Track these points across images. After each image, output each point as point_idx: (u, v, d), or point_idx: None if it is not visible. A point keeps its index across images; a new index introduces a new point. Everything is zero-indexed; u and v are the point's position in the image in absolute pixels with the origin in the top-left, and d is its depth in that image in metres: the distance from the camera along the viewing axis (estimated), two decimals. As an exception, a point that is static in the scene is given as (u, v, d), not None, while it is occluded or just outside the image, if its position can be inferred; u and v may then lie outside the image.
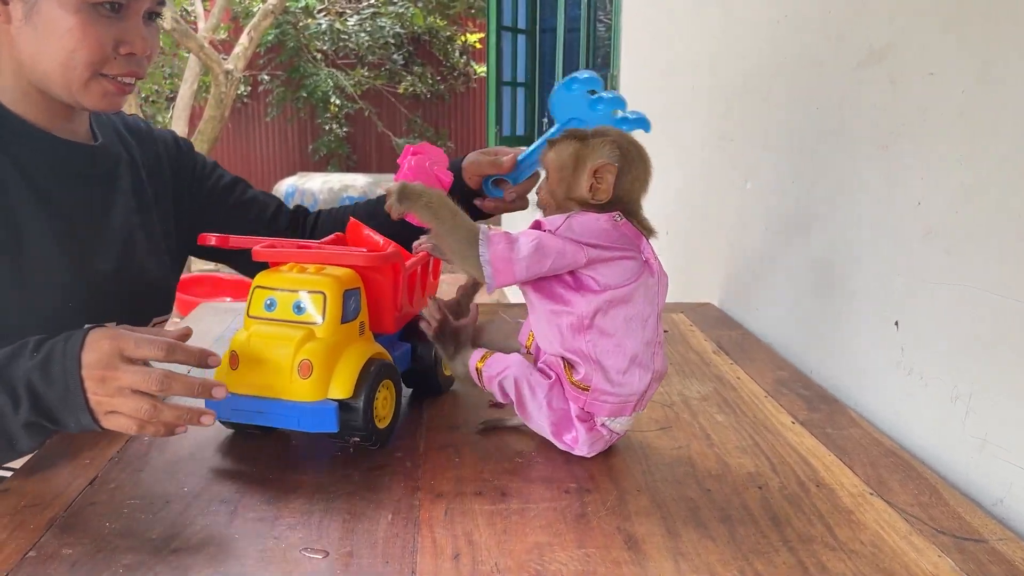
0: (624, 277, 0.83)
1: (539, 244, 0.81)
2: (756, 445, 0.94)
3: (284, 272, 0.90)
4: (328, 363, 0.84)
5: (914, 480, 0.85)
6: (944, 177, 0.95)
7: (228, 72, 6.42)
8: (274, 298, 0.88)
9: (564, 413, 0.87)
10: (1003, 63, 0.85)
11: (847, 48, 1.17)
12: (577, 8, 4.04)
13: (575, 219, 0.83)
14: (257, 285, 0.89)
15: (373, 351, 0.90)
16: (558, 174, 0.87)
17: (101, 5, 0.93)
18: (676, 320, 1.50)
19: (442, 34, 9.10)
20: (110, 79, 0.97)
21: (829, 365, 1.22)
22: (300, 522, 0.75)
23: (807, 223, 1.30)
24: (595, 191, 0.85)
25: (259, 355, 0.85)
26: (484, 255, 0.81)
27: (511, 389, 0.87)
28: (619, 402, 0.86)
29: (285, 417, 0.85)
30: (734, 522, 0.76)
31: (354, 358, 0.86)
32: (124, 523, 0.74)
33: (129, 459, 0.87)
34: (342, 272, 0.90)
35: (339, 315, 0.87)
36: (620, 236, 0.84)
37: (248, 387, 0.85)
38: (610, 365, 0.84)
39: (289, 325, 0.87)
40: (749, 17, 1.59)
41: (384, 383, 0.89)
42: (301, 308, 0.87)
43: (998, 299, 0.85)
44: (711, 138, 1.83)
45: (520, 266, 0.81)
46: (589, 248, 0.81)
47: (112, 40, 0.95)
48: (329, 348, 0.85)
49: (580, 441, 0.87)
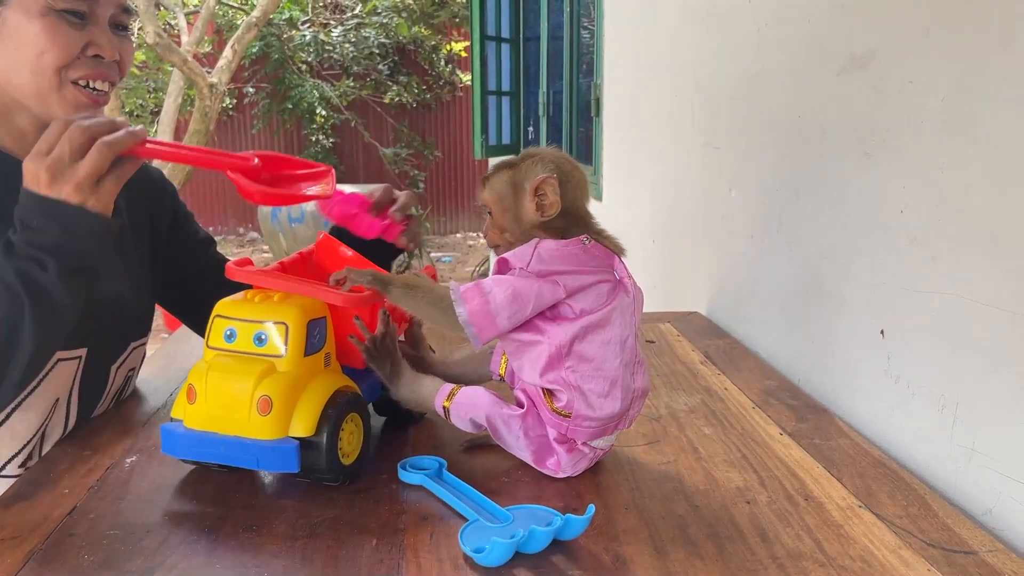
0: (599, 301, 0.83)
1: (515, 292, 0.80)
2: (744, 458, 0.93)
3: (246, 301, 0.85)
4: (289, 399, 0.80)
5: (903, 491, 0.85)
6: (927, 184, 0.95)
7: (212, 85, 6.41)
8: (234, 328, 0.84)
9: (543, 440, 0.86)
10: (983, 71, 0.85)
11: (829, 56, 1.17)
12: (560, 16, 4.04)
13: (542, 248, 0.82)
14: (217, 314, 0.85)
15: (339, 384, 0.86)
16: (501, 206, 0.87)
17: (64, 12, 0.93)
18: (663, 330, 1.49)
19: (427, 43, 9.11)
20: (80, 88, 0.97)
21: (817, 374, 1.22)
22: (283, 549, 0.74)
23: (792, 230, 1.30)
24: (542, 208, 0.85)
25: (217, 389, 0.81)
26: (462, 315, 0.80)
27: (485, 425, 0.86)
28: (600, 425, 0.85)
29: (243, 456, 0.81)
30: (722, 539, 0.75)
31: (318, 393, 0.82)
32: (103, 555, 0.73)
33: (109, 488, 0.86)
34: (307, 300, 0.85)
35: (302, 347, 0.82)
36: (591, 259, 0.84)
37: (206, 422, 0.81)
38: (590, 390, 0.83)
39: (249, 358, 0.82)
40: (732, 25, 1.59)
41: (350, 417, 0.85)
42: (262, 339, 0.82)
43: (983, 307, 0.85)
44: (695, 145, 1.82)
45: (501, 318, 0.80)
46: (565, 276, 0.81)
47: (79, 42, 0.95)
48: (291, 382, 0.81)
49: (563, 464, 0.86)
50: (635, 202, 2.47)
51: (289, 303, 0.84)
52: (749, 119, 1.49)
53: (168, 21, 7.78)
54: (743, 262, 1.53)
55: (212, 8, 6.92)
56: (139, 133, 0.84)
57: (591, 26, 3.40)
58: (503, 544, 0.69)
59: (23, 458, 0.99)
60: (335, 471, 0.82)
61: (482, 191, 0.89)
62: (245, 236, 9.04)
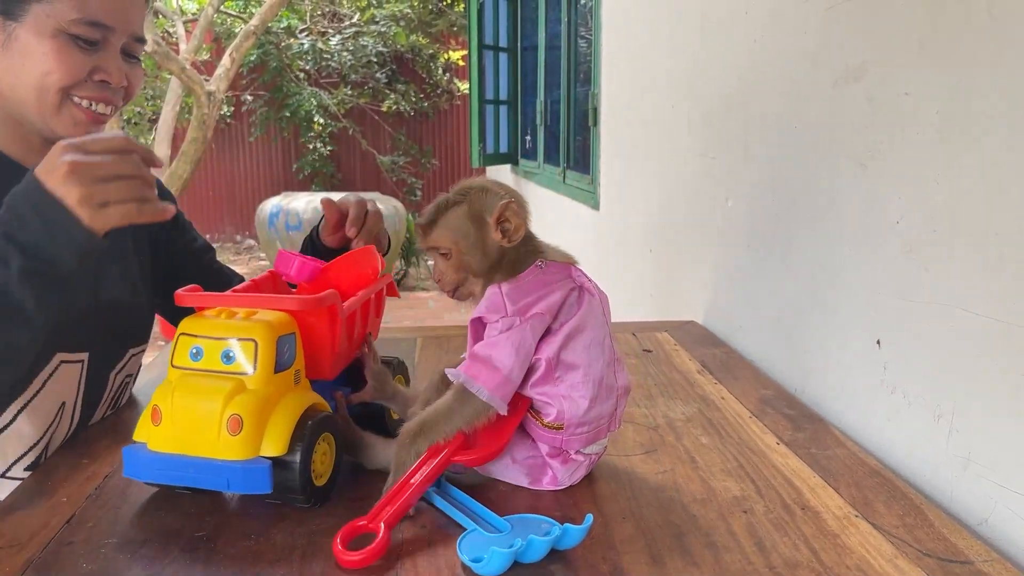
0: (571, 310, 0.84)
1: (516, 347, 0.81)
2: (741, 468, 0.93)
3: (212, 318, 0.82)
4: (260, 417, 0.78)
5: (899, 501, 0.85)
6: (922, 195, 0.95)
7: (210, 93, 6.42)
8: (200, 346, 0.80)
9: (533, 461, 0.87)
10: (977, 82, 0.86)
11: (824, 67, 1.18)
12: (558, 25, 4.06)
13: (507, 291, 0.83)
14: (182, 332, 0.82)
15: (310, 401, 0.84)
16: (465, 243, 0.85)
17: (77, 37, 0.94)
18: (660, 339, 1.50)
19: (425, 52, 9.13)
20: (81, 107, 0.97)
21: (813, 383, 1.22)
22: (281, 558, 0.74)
23: (788, 240, 1.31)
24: (507, 234, 0.85)
25: (184, 409, 0.78)
26: (482, 393, 0.81)
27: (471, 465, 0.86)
28: (592, 430, 0.86)
29: (213, 478, 0.77)
30: (719, 548, 0.75)
31: (289, 411, 0.80)
32: (101, 564, 0.73)
33: (107, 496, 0.86)
34: (275, 317, 0.82)
35: (272, 364, 0.80)
36: (552, 278, 0.85)
37: (172, 444, 0.78)
38: (580, 396, 0.84)
39: (217, 376, 0.79)
40: (728, 35, 1.60)
41: (323, 437, 0.83)
42: (231, 357, 0.79)
43: (977, 317, 0.86)
44: (692, 155, 1.83)
45: (515, 375, 0.82)
46: (540, 303, 0.82)
47: (87, 67, 0.96)
48: (261, 401, 0.78)
49: (559, 477, 0.87)
50: (632, 211, 2.47)
51: (257, 319, 0.81)
52: (745, 130, 1.50)
53: (166, 29, 7.79)
54: (739, 272, 1.53)
55: (210, 16, 6.94)
56: (168, 211, 0.84)
57: (588, 36, 3.42)
58: (501, 554, 0.69)
59: (30, 460, 0.99)
60: (307, 492, 0.80)
61: (428, 235, 0.86)
62: (242, 243, 9.03)
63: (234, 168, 9.04)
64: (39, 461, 1.00)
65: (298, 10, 8.88)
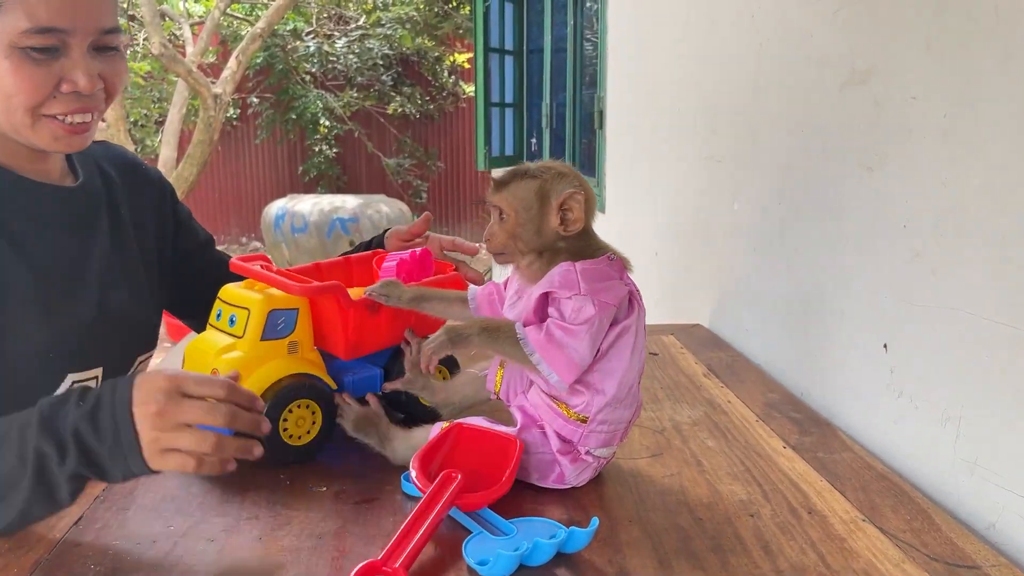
0: (626, 311, 0.86)
1: (595, 340, 0.82)
2: (748, 471, 0.93)
3: (238, 288, 0.95)
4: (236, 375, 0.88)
5: (906, 505, 0.85)
6: (929, 199, 0.95)
7: (217, 96, 6.44)
8: (221, 310, 0.95)
9: (544, 457, 0.87)
10: (985, 85, 0.86)
11: (830, 70, 1.18)
12: (564, 28, 4.06)
13: (583, 270, 0.84)
14: (218, 296, 0.97)
15: (296, 369, 0.92)
16: (524, 214, 0.87)
17: (31, 50, 0.87)
18: (666, 342, 1.49)
19: (430, 55, 9.14)
20: (57, 121, 0.92)
21: (820, 387, 1.22)
22: (289, 560, 0.74)
23: (794, 244, 1.31)
24: (566, 223, 0.86)
25: (191, 358, 0.93)
26: (552, 378, 0.82)
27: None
28: (611, 432, 0.87)
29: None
30: (726, 552, 0.75)
31: (266, 374, 0.90)
32: (110, 564, 0.73)
33: (115, 498, 0.86)
34: (280, 294, 0.93)
35: (259, 332, 0.91)
36: (619, 275, 0.87)
37: None
38: (613, 396, 0.85)
39: (221, 335, 0.93)
40: (734, 38, 1.60)
41: (302, 402, 0.92)
42: (233, 321, 0.93)
43: (984, 321, 0.86)
44: (698, 159, 1.83)
45: (585, 362, 0.83)
46: (609, 292, 0.84)
47: (52, 79, 0.89)
48: (243, 362, 0.89)
49: (567, 475, 0.87)
50: (638, 214, 2.47)
51: (261, 292, 0.93)
52: (751, 133, 1.50)
53: (173, 32, 7.82)
54: (745, 275, 1.53)
55: (217, 19, 6.96)
56: (229, 467, 0.79)
57: (594, 38, 3.42)
58: (507, 557, 0.69)
59: None
60: (275, 448, 0.89)
61: (496, 193, 0.88)
62: (248, 245, 9.05)
63: (240, 170, 9.06)
64: None
65: (304, 13, 8.89)
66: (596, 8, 3.27)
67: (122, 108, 6.35)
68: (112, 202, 1.09)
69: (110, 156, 1.14)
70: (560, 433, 0.86)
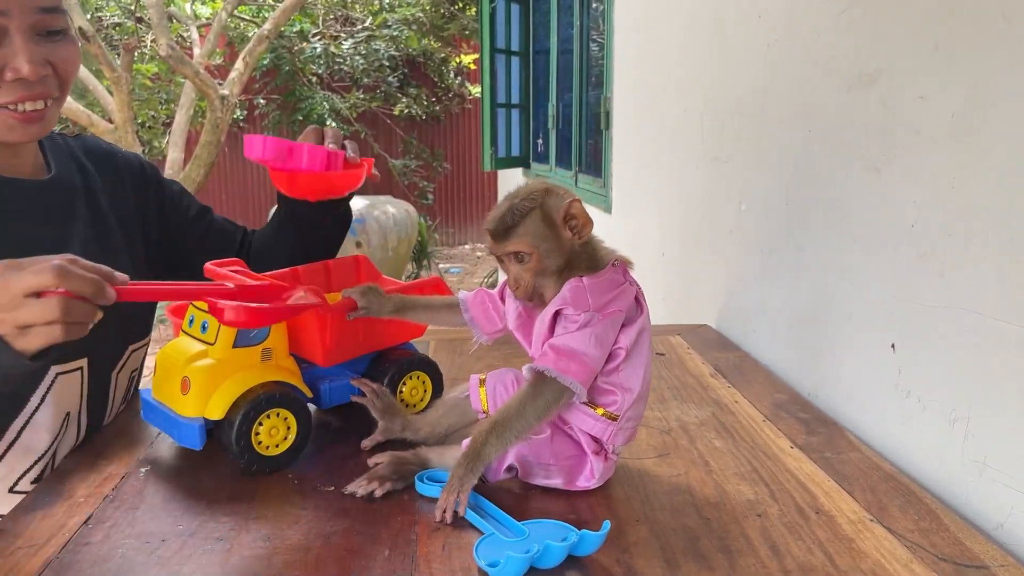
0: (639, 310, 0.87)
1: (598, 339, 0.83)
2: (755, 471, 0.93)
3: None
4: (209, 383, 0.88)
5: (914, 505, 0.85)
6: (936, 199, 0.95)
7: (224, 97, 6.45)
8: (194, 316, 0.94)
9: (574, 460, 0.87)
10: (993, 85, 0.86)
11: (838, 72, 1.18)
12: (570, 29, 4.07)
13: (589, 286, 0.84)
14: (191, 302, 0.95)
15: (268, 378, 0.92)
16: (544, 244, 0.85)
17: None
18: (673, 343, 1.49)
19: (436, 56, 9.15)
20: (8, 110, 0.90)
21: (827, 387, 1.22)
22: (297, 560, 0.74)
23: (801, 245, 1.30)
24: (577, 231, 0.86)
25: (162, 365, 0.93)
26: (575, 387, 0.82)
27: (518, 467, 0.87)
28: (633, 427, 0.89)
29: (170, 428, 0.92)
30: (733, 552, 0.75)
31: (239, 382, 0.89)
32: (119, 563, 0.74)
33: (124, 497, 0.87)
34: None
35: (231, 339, 0.90)
36: (624, 278, 0.87)
37: (159, 395, 0.93)
38: (639, 391, 0.87)
39: (193, 342, 0.93)
40: (741, 39, 1.60)
41: (276, 412, 0.91)
42: (205, 328, 0.92)
43: (992, 321, 0.85)
44: (705, 160, 1.83)
45: (598, 366, 0.84)
46: (618, 300, 0.85)
47: None
48: (213, 369, 0.89)
49: (597, 474, 0.87)
50: (644, 215, 2.47)
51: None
52: (758, 134, 1.50)
53: (180, 34, 7.84)
54: (752, 275, 1.53)
55: (224, 21, 6.98)
56: (95, 316, 0.78)
57: (601, 39, 3.42)
58: (518, 559, 0.69)
59: (36, 474, 0.99)
60: (246, 457, 0.89)
61: (506, 240, 0.86)
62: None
63: (247, 172, 9.08)
64: (44, 473, 0.99)
65: (310, 14, 8.91)
66: (602, 9, 3.27)
67: (130, 110, 6.36)
68: (90, 192, 1.08)
69: (86, 148, 1.14)
70: (591, 433, 0.87)
